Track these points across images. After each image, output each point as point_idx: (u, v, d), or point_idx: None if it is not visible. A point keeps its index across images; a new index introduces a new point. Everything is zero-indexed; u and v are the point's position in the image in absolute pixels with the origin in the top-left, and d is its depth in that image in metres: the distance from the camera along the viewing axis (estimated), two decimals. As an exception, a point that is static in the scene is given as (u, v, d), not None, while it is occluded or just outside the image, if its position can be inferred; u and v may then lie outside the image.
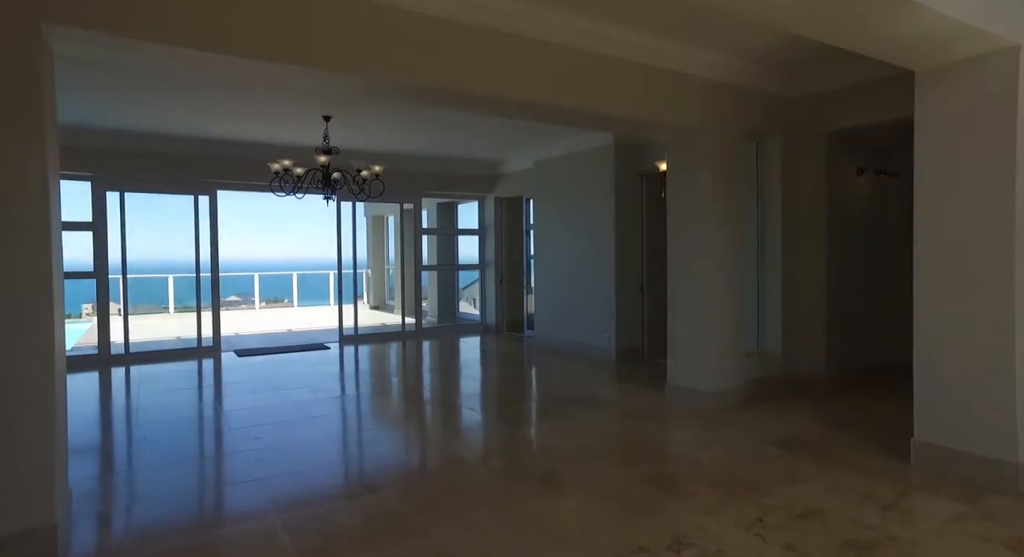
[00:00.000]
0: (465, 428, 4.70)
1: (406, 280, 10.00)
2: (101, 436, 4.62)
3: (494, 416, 5.02)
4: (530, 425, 4.79)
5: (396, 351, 8.60)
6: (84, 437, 4.52)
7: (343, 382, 6.53)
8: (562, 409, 5.12)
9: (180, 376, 6.78)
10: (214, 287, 8.20)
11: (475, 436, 4.51)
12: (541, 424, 4.77)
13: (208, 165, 7.87)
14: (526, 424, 4.83)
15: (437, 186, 9.73)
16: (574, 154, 7.87)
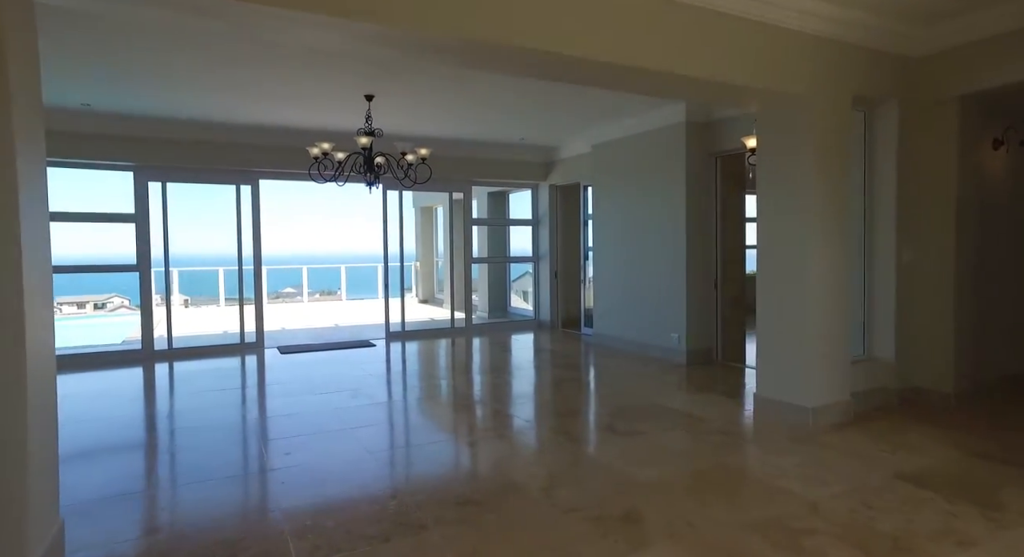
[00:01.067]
0: (522, 445, 4.04)
1: (455, 273, 9.41)
2: (124, 445, 4.18)
3: (554, 430, 4.34)
4: (596, 443, 4.08)
5: (444, 349, 8.02)
6: (106, 444, 4.09)
7: (386, 385, 5.98)
8: (631, 423, 4.39)
9: (219, 375, 6.38)
10: (256, 281, 7.81)
11: (534, 456, 3.84)
12: (609, 442, 4.06)
13: (249, 153, 7.44)
14: (591, 442, 4.13)
15: (487, 174, 9.09)
16: (638, 135, 7.06)
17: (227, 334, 8.86)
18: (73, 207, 6.89)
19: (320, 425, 4.50)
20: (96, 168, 7.00)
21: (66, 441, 4.10)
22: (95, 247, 8.40)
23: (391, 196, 8.60)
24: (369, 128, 5.78)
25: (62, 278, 6.47)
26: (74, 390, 5.78)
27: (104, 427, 4.50)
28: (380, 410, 4.93)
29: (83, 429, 4.42)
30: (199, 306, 13.97)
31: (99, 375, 6.35)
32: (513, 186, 10.13)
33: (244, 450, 3.99)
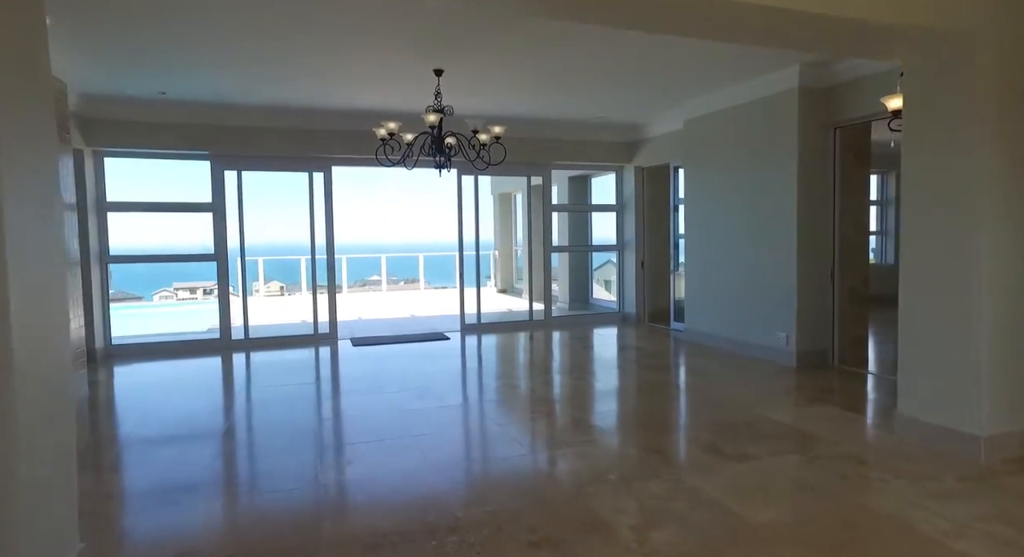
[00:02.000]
0: (607, 466, 3.40)
1: (534, 262, 8.83)
2: (177, 441, 3.91)
3: (644, 448, 3.67)
4: (696, 467, 3.37)
5: (522, 344, 7.47)
6: (162, 438, 3.83)
7: (457, 385, 5.50)
8: (737, 442, 3.65)
9: (288, 368, 6.13)
10: (330, 270, 7.56)
11: (621, 482, 3.20)
12: (711, 467, 3.35)
13: (320, 138, 7.16)
14: (692, 466, 3.42)
15: (568, 156, 8.40)
16: (739, 107, 6.16)
17: (304, 324, 8.72)
18: (163, 197, 6.91)
19: (382, 430, 4.06)
20: (175, 157, 6.95)
21: (121, 432, 3.99)
22: (189, 236, 8.44)
23: (466, 181, 8.12)
24: (438, 105, 5.27)
25: (175, 267, 6.56)
26: (148, 379, 5.70)
27: (164, 422, 4.28)
28: (448, 415, 4.43)
29: (143, 422, 4.22)
30: (291, 294, 14.24)
31: (176, 364, 6.28)
32: (595, 169, 9.40)
33: (299, 459, 3.60)
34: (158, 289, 19.77)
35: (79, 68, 5.08)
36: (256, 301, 12.38)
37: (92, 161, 6.47)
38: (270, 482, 3.26)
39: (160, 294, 19.34)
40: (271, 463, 3.59)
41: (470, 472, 3.40)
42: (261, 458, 3.71)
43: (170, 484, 3.23)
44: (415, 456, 3.56)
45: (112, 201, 6.66)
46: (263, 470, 3.49)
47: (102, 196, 6.58)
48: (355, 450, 3.74)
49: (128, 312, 15.19)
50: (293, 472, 3.39)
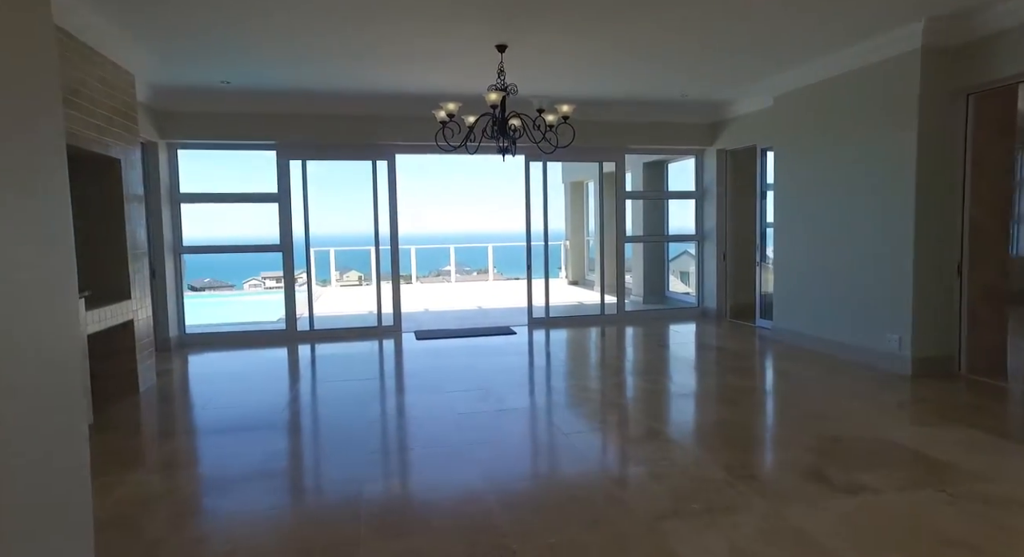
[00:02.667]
0: (688, 493, 2.88)
1: (606, 253, 8.27)
2: (229, 433, 3.70)
3: (732, 471, 3.11)
4: (800, 500, 2.78)
5: (592, 341, 6.97)
6: (213, 429, 3.64)
7: (522, 386, 5.08)
8: (849, 468, 3.02)
9: (350, 362, 5.92)
10: (394, 261, 7.33)
11: (706, 517, 2.67)
12: (820, 500, 2.75)
13: (383, 125, 6.91)
14: (792, 497, 2.83)
15: (643, 140, 7.77)
16: (843, 76, 5.35)
17: (371, 316, 8.58)
18: (232, 189, 6.90)
19: (438, 436, 3.71)
20: (243, 148, 6.89)
21: (178, 423, 3.81)
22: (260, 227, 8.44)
23: (534, 168, 7.66)
24: (501, 84, 4.84)
25: (265, 257, 6.62)
26: (214, 370, 5.64)
27: (221, 414, 4.12)
28: (510, 420, 4.02)
29: (201, 412, 4.07)
30: (368, 284, 14.34)
31: (242, 355, 6.22)
32: (673, 153, 8.69)
33: (345, 466, 3.29)
34: (248, 278, 20.52)
35: (146, 58, 5.01)
36: (330, 292, 12.50)
37: (166, 153, 6.50)
38: (311, 491, 2.97)
39: (250, 283, 20.05)
40: (316, 469, 3.31)
41: (530, 492, 2.97)
42: (307, 464, 3.44)
43: (217, 477, 2.99)
44: (470, 469, 3.17)
45: (185, 193, 6.68)
46: (306, 477, 3.21)
47: (175, 188, 6.61)
48: (406, 458, 3.40)
49: (216, 300, 15.86)
50: (337, 481, 3.08)
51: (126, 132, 4.78)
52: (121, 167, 4.66)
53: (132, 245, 4.79)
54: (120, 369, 4.70)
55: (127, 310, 4.64)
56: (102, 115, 4.40)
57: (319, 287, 13.05)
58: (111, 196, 4.64)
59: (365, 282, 14.97)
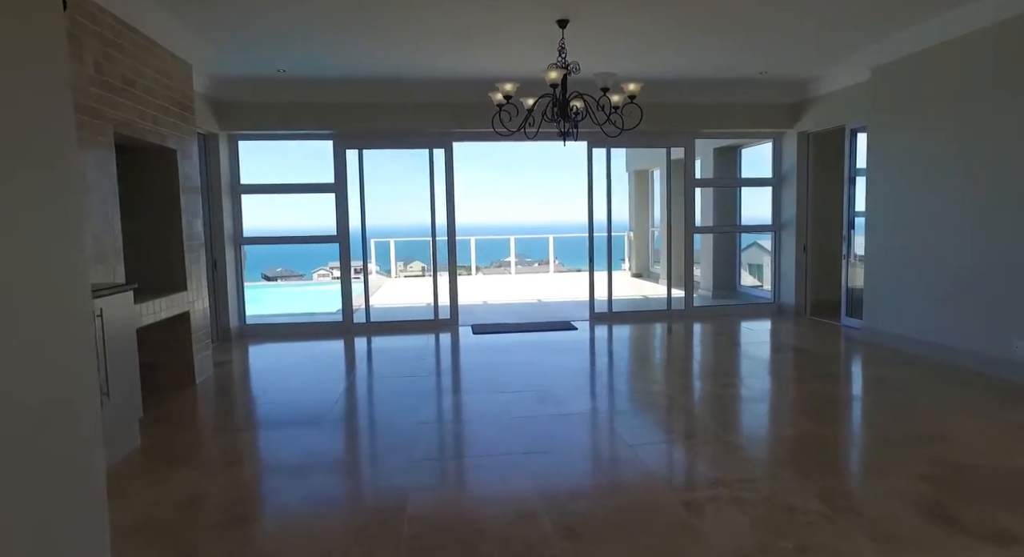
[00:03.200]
0: (778, 527, 2.45)
1: (674, 244, 7.75)
2: (271, 430, 3.55)
3: (830, 500, 2.65)
4: (922, 548, 2.29)
5: (658, 338, 6.51)
6: (251, 424, 3.49)
7: (582, 387, 4.73)
8: (985, 508, 2.51)
9: (404, 357, 5.73)
10: (450, 252, 7.10)
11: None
12: (949, 549, 2.26)
13: (439, 112, 6.65)
14: (911, 541, 2.33)
15: (715, 123, 7.18)
16: (958, 40, 4.65)
17: (429, 308, 8.40)
18: (289, 179, 6.87)
19: (491, 442, 3.42)
20: (301, 138, 6.81)
21: (229, 416, 3.62)
22: (319, 218, 8.40)
23: (597, 155, 7.23)
24: (563, 62, 4.46)
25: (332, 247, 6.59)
26: (272, 362, 5.58)
27: (272, 408, 3.99)
28: (570, 427, 3.68)
29: (253, 405, 3.95)
30: (428, 275, 14.30)
31: (299, 347, 6.15)
32: (748, 137, 8.04)
33: (389, 474, 3.05)
34: (317, 267, 20.94)
35: (202, 48, 4.93)
36: (390, 282, 12.48)
37: (227, 144, 6.49)
38: (351, 502, 2.74)
39: (319, 272, 20.44)
40: (360, 476, 3.08)
41: (591, 514, 2.62)
42: (351, 469, 3.22)
43: (255, 481, 2.81)
44: (525, 484, 2.86)
45: (245, 184, 6.67)
46: (348, 484, 2.99)
47: (236, 179, 6.60)
48: (457, 466, 3.13)
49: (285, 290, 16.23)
50: (381, 490, 2.84)
51: (182, 122, 4.71)
52: (177, 158, 4.59)
53: (188, 236, 4.73)
54: (177, 360, 4.67)
55: (183, 302, 4.58)
56: (158, 105, 4.33)
57: (381, 277, 13.08)
58: (167, 187, 4.58)
59: (428, 273, 14.90)
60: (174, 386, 4.63)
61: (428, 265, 15.20)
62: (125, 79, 3.90)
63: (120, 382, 3.22)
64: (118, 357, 3.22)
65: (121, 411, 3.23)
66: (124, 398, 3.27)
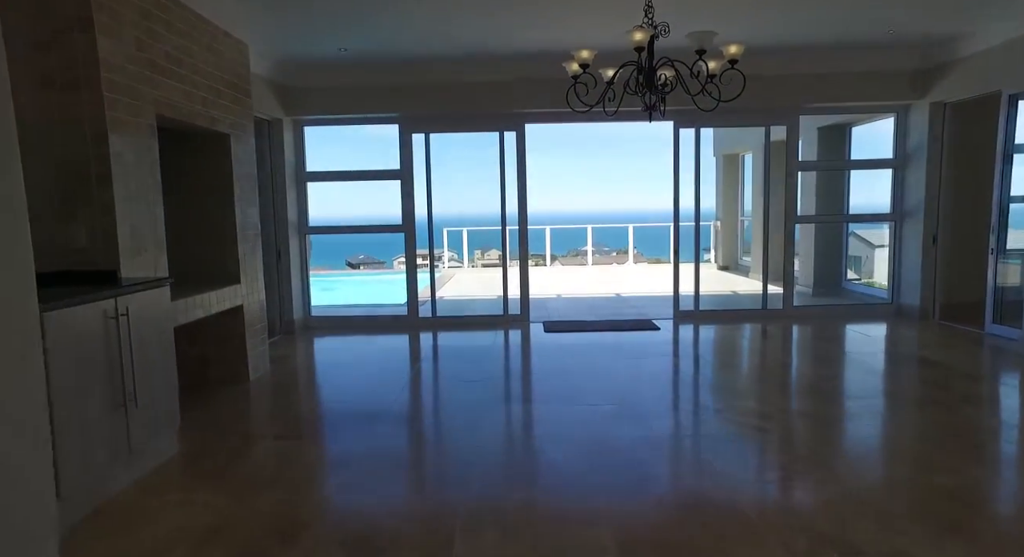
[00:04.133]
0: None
1: (771, 235, 6.83)
2: (326, 438, 3.15)
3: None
4: None
5: (752, 342, 5.70)
6: (308, 434, 3.11)
7: (666, 401, 4.07)
8: None
9: (468, 357, 5.24)
10: (521, 243, 6.56)
11: None
12: None
13: (510, 91, 6.08)
14: None
15: (824, 95, 6.20)
16: None
17: (498, 301, 7.91)
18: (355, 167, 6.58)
19: (562, 470, 2.88)
20: (364, 122, 6.46)
21: (279, 417, 3.09)
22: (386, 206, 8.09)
23: (684, 136, 6.44)
24: (649, 22, 3.77)
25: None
26: (332, 356, 5.29)
27: (320, 414, 3.62)
28: (654, 455, 3.06)
29: (304, 405, 3.60)
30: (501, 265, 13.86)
31: (362, 341, 5.83)
32: (864, 112, 6.95)
33: (441, 505, 2.56)
34: (397, 255, 20.98)
35: (259, 26, 4.61)
36: (462, 273, 12.13)
37: (291, 131, 6.24)
38: (391, 542, 2.26)
39: (399, 260, 20.40)
40: (406, 508, 2.60)
41: (682, 589, 2.01)
42: (398, 499, 2.75)
43: (289, 510, 2.41)
44: (600, 531, 2.28)
45: (311, 171, 6.41)
46: (391, 519, 2.52)
47: (301, 166, 6.35)
48: (516, 506, 2.59)
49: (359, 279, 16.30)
50: (428, 533, 2.35)
51: (236, 105, 4.41)
52: (230, 142, 4.30)
53: (242, 226, 4.44)
54: (230, 356, 4.41)
55: (235, 295, 4.31)
56: (208, 86, 4.03)
57: (453, 268, 12.77)
58: (218, 174, 4.30)
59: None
60: (227, 382, 4.38)
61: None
62: (170, 57, 3.60)
63: (151, 388, 2.91)
64: (149, 360, 2.91)
65: (151, 420, 2.92)
66: (156, 405, 2.96)
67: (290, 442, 3.30)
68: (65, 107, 2.98)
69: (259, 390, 4.32)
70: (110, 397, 2.63)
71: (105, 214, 3.06)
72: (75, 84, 2.98)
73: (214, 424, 3.61)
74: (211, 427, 3.56)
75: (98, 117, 3.01)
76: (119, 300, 2.70)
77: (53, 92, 2.97)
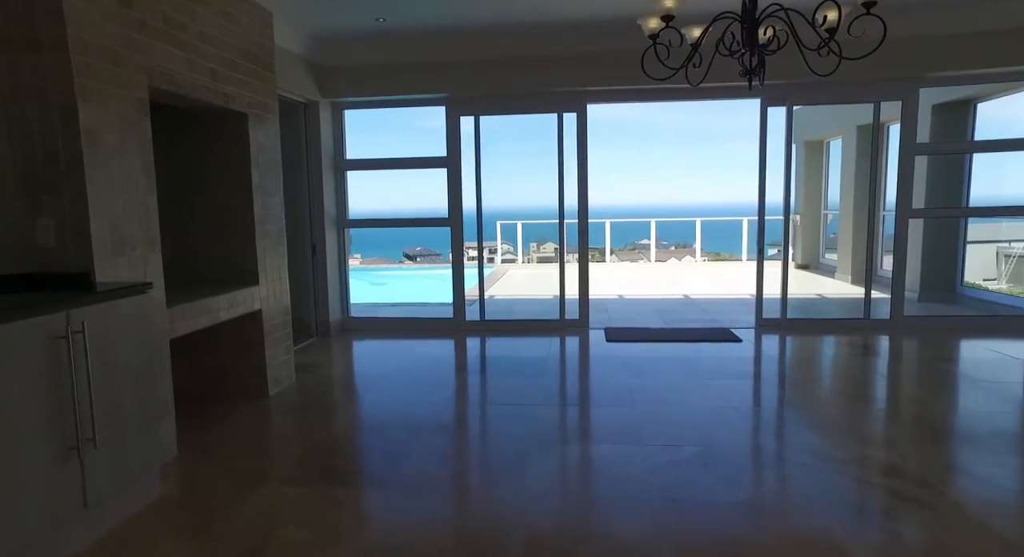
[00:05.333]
0: None
1: (874, 231, 5.76)
2: (315, 510, 2.50)
3: None
4: None
5: (860, 361, 4.70)
6: (314, 470, 2.48)
7: (767, 446, 3.21)
8: None
9: (520, 372, 4.50)
10: (581, 239, 5.76)
11: None
12: None
13: (570, 66, 5.27)
14: None
15: (951, 62, 5.07)
16: None
17: (553, 302, 7.14)
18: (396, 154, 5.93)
19: (618, 547, 2.09)
20: (409, 105, 5.80)
21: (279, 456, 2.37)
22: (430, 198, 7.46)
23: (773, 117, 5.48)
24: (756, -42, 2.89)
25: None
26: (364, 368, 4.67)
27: (339, 445, 2.98)
28: (750, 527, 2.24)
29: (312, 439, 2.97)
30: (556, 261, 13.06)
31: (402, 347, 5.19)
32: (1006, 81, 5.72)
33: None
34: (454, 247, 20.34)
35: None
36: (516, 269, 11.41)
37: (329, 114, 5.65)
38: None
39: (454, 253, 19.73)
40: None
41: None
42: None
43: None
44: None
45: (350, 159, 5.82)
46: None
47: (340, 154, 5.76)
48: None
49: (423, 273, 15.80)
50: None
51: (257, 81, 3.81)
52: (248, 124, 3.71)
53: (262, 219, 3.86)
54: (246, 368, 3.85)
55: (252, 298, 3.73)
56: (221, 58, 3.44)
57: (506, 263, 12.07)
58: (234, 160, 3.72)
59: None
60: (244, 398, 3.83)
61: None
62: (168, 19, 3.01)
63: (121, 422, 2.32)
64: (119, 387, 2.32)
65: (121, 461, 2.33)
66: (129, 442, 2.37)
67: (295, 489, 2.67)
68: (27, 72, 2.42)
69: (279, 408, 3.73)
70: (58, 441, 2.05)
71: (75, 204, 2.49)
72: (37, 44, 2.41)
73: (216, 454, 3.04)
74: (211, 459, 2.98)
75: (66, 86, 2.43)
76: (72, 313, 2.10)
77: (14, 55, 2.41)
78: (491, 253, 14.43)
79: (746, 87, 3.37)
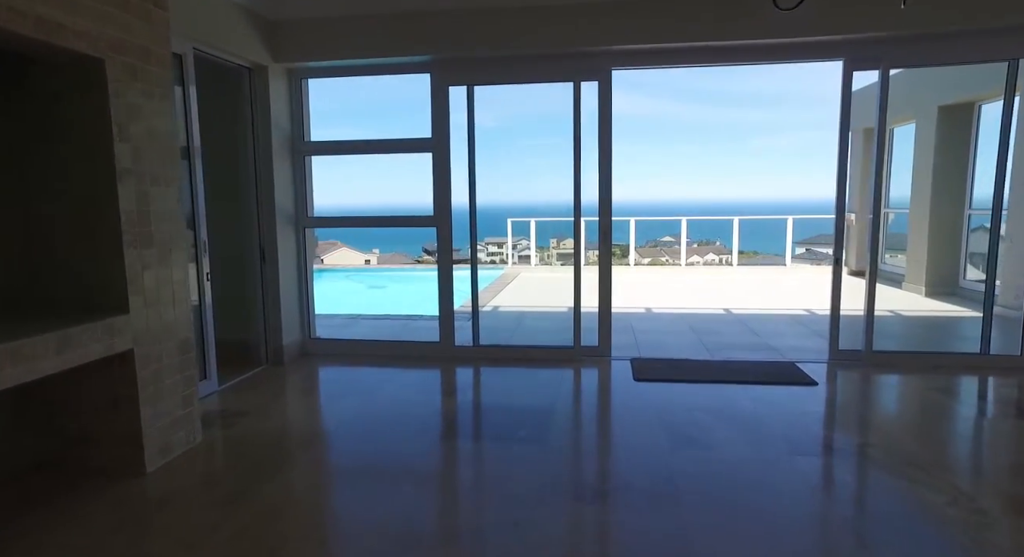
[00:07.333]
0: None
1: (970, 233, 4.31)
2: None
3: None
4: None
5: (1011, 429, 3.28)
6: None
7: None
8: None
9: (519, 426, 3.19)
10: (602, 241, 4.41)
11: None
12: None
13: (590, 20, 3.92)
14: None
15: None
16: None
17: (567, 318, 5.77)
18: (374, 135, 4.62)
19: None
20: (384, 71, 4.47)
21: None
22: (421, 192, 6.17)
23: (859, 83, 4.06)
24: None
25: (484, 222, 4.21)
26: (306, 418, 3.38)
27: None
28: None
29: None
30: (587, 262, 11.66)
31: (368, 383, 3.92)
32: None
33: None
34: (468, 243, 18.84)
35: None
36: (527, 273, 10.05)
37: (285, 83, 4.39)
38: None
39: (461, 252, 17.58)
40: None
41: None
42: None
43: None
44: None
45: (313, 142, 4.56)
46: None
47: (298, 134, 4.50)
48: None
49: (429, 274, 14.52)
50: None
51: (125, 13, 2.55)
52: (106, 75, 2.45)
53: (139, 219, 2.61)
54: (110, 434, 2.62)
55: (114, 334, 2.48)
56: (51, -31, 2.19)
57: (518, 266, 10.73)
58: (83, 131, 2.47)
59: (582, 259, 12.08)
60: (114, 472, 2.60)
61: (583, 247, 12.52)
62: None
63: None
64: None
65: None
66: None
67: None
68: None
69: (157, 494, 2.49)
70: None
71: None
72: None
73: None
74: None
75: None
76: None
77: None
78: (499, 248, 12.57)
79: (824, 44, 2.01)
